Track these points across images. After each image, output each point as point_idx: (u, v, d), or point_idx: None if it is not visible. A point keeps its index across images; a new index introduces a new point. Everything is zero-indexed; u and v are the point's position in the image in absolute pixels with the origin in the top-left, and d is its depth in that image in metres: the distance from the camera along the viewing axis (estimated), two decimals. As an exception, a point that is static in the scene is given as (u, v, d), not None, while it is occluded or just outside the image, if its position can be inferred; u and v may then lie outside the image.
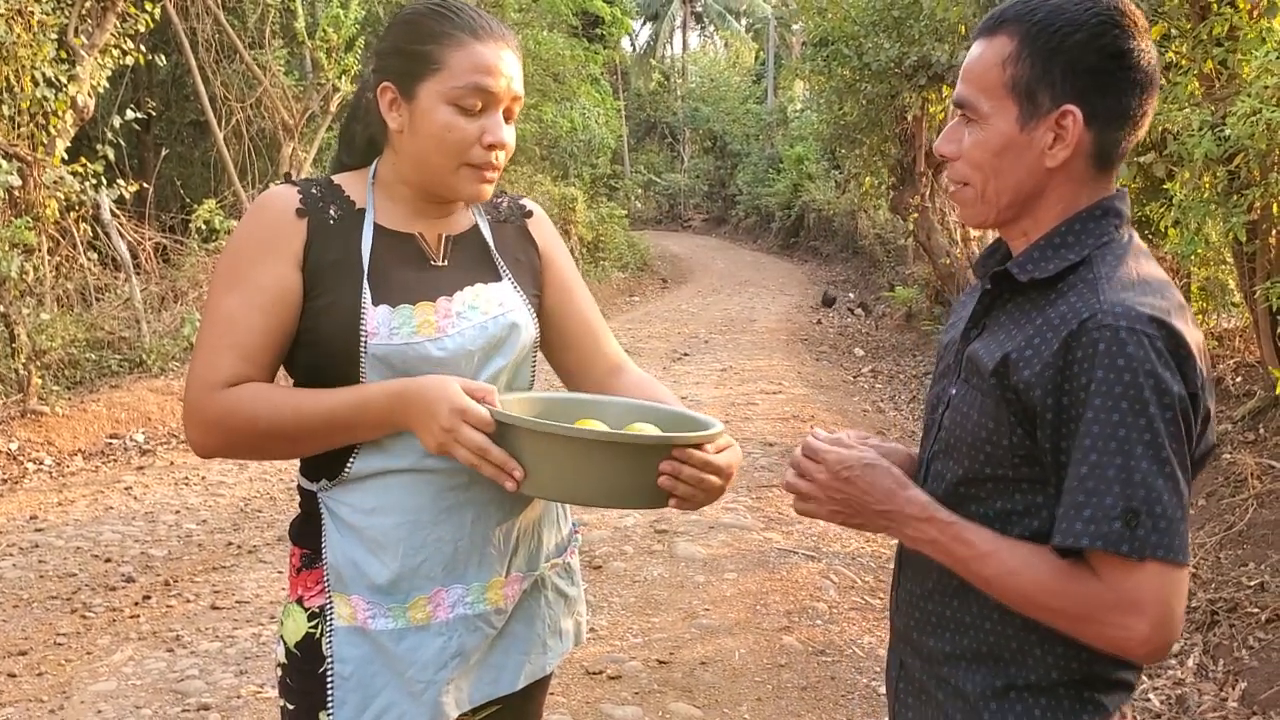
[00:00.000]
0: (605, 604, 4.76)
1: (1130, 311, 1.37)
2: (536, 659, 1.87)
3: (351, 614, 1.73)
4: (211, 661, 4.19)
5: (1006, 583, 1.42)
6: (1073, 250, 1.48)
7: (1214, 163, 5.20)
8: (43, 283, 8.71)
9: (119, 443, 7.60)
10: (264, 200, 1.77)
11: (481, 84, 1.71)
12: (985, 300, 1.58)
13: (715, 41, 45.32)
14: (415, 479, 1.72)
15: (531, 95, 18.04)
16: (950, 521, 1.47)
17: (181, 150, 15.05)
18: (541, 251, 1.96)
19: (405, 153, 1.77)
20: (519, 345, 1.83)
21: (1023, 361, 1.42)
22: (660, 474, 1.62)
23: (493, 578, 1.79)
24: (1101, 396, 1.34)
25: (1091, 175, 1.51)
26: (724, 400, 9.28)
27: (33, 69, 7.81)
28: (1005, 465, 1.46)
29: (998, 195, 1.52)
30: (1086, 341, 1.36)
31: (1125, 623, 1.34)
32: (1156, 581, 1.33)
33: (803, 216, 26.21)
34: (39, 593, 4.86)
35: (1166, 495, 1.33)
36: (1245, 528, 4.79)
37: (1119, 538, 1.33)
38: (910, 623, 1.63)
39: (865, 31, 12.06)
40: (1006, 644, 1.50)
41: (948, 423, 1.57)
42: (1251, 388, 6.12)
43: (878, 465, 1.53)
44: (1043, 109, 1.46)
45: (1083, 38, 1.44)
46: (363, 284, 1.72)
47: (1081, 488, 1.35)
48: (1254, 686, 3.80)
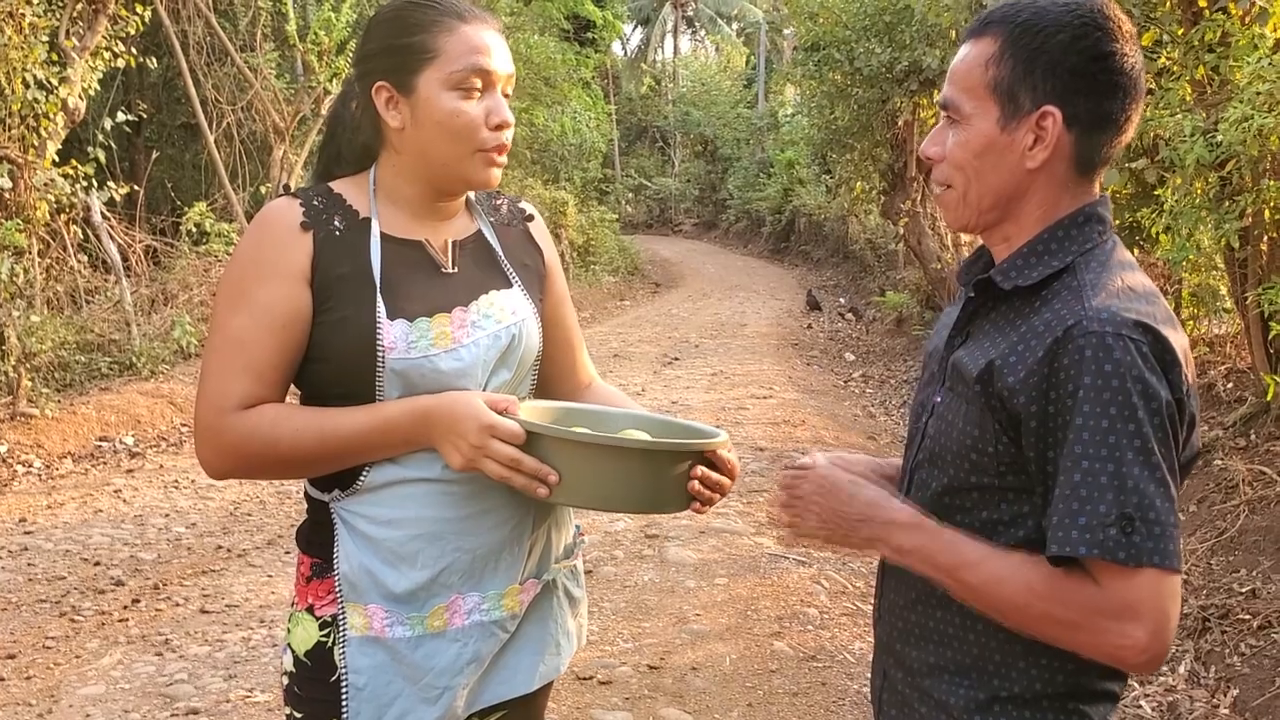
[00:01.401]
0: (596, 609, 4.75)
1: (1116, 317, 1.36)
2: (550, 660, 1.87)
3: (366, 624, 1.72)
4: (201, 665, 4.17)
5: (995, 591, 1.40)
6: (1056, 257, 1.48)
7: (1206, 169, 5.21)
8: (33, 285, 8.66)
9: (108, 445, 7.57)
10: (266, 216, 1.74)
11: (480, 64, 1.70)
12: (969, 308, 1.58)
13: (706, 46, 45.34)
14: (431, 489, 1.71)
15: (523, 99, 18.04)
16: (938, 530, 1.46)
17: (172, 153, 15.00)
18: (546, 257, 1.96)
19: (410, 149, 1.75)
20: (526, 356, 1.82)
21: (1007, 368, 1.42)
22: (690, 478, 1.67)
23: (509, 585, 1.78)
24: (1090, 403, 1.34)
25: (1073, 179, 1.50)
26: (715, 405, 9.28)
27: (23, 71, 7.76)
28: (990, 474, 1.46)
29: (979, 198, 1.52)
30: (1073, 348, 1.36)
31: (1122, 630, 1.33)
32: (1153, 588, 1.32)
33: (793, 221, 26.22)
34: (27, 596, 4.83)
35: (1160, 501, 1.33)
36: (1237, 534, 4.80)
37: (1115, 545, 1.32)
38: (894, 633, 1.63)
39: (856, 36, 12.09)
40: (990, 656, 1.49)
41: (932, 431, 1.57)
42: (1243, 393, 6.14)
43: (861, 481, 1.54)
44: (1023, 110, 1.46)
45: (1065, 39, 1.44)
46: (377, 298, 1.69)
47: (1075, 495, 1.34)
48: (1246, 693, 3.80)
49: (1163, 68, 5.83)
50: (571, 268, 18.50)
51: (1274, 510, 4.87)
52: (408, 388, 1.69)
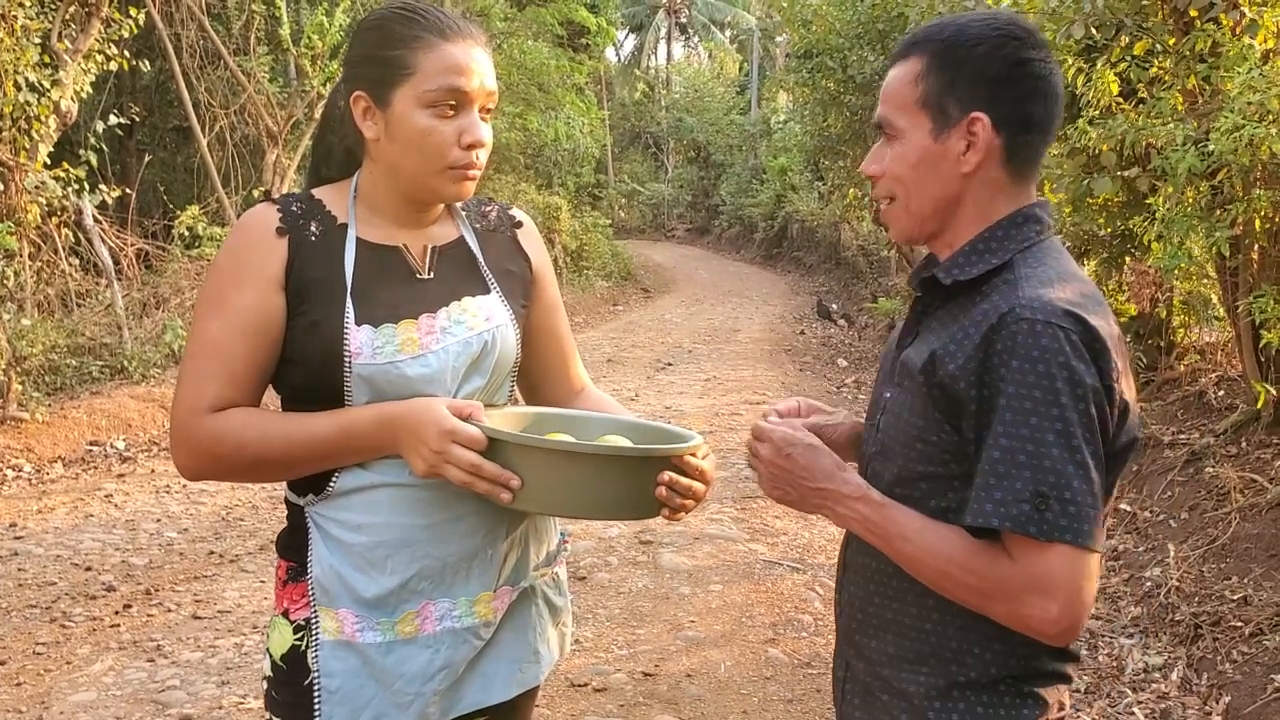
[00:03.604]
0: (590, 615, 4.75)
1: (1047, 306, 1.44)
2: (528, 669, 1.86)
3: (338, 627, 1.73)
4: (193, 672, 4.16)
5: (926, 561, 1.49)
6: (995, 255, 1.55)
7: (1197, 178, 5.23)
8: (24, 288, 8.63)
9: (100, 450, 7.55)
10: (244, 221, 1.77)
11: (455, 84, 1.70)
12: (918, 308, 1.66)
13: (699, 52, 45.42)
14: (401, 494, 1.72)
15: (516, 104, 18.04)
16: (882, 503, 1.53)
17: (165, 156, 14.97)
18: (534, 265, 1.95)
19: (384, 160, 1.76)
20: (501, 363, 1.82)
21: (947, 356, 1.49)
22: (657, 484, 1.65)
23: (482, 592, 1.78)
24: (1015, 385, 1.41)
25: (1008, 182, 1.58)
26: (708, 411, 9.28)
27: (15, 74, 7.75)
28: (936, 462, 1.52)
29: (920, 206, 1.59)
30: (1005, 334, 1.43)
31: (1035, 602, 1.40)
32: (1065, 564, 1.39)
33: (786, 227, 26.25)
34: (18, 601, 4.81)
35: (1076, 482, 1.39)
36: (1228, 541, 4.81)
37: (1026, 519, 1.39)
38: (853, 624, 1.68)
39: (850, 44, 12.11)
40: (946, 644, 1.55)
41: (883, 425, 1.63)
42: (1234, 401, 6.15)
43: (819, 448, 1.59)
44: (953, 118, 1.54)
45: (985, 49, 1.54)
46: (346, 302, 1.71)
47: (993, 471, 1.41)
48: (1238, 701, 3.81)
49: (1154, 77, 5.86)
50: (564, 273, 18.49)
51: (1265, 517, 4.88)
52: (375, 393, 1.70)
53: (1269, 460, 5.36)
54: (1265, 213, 5.42)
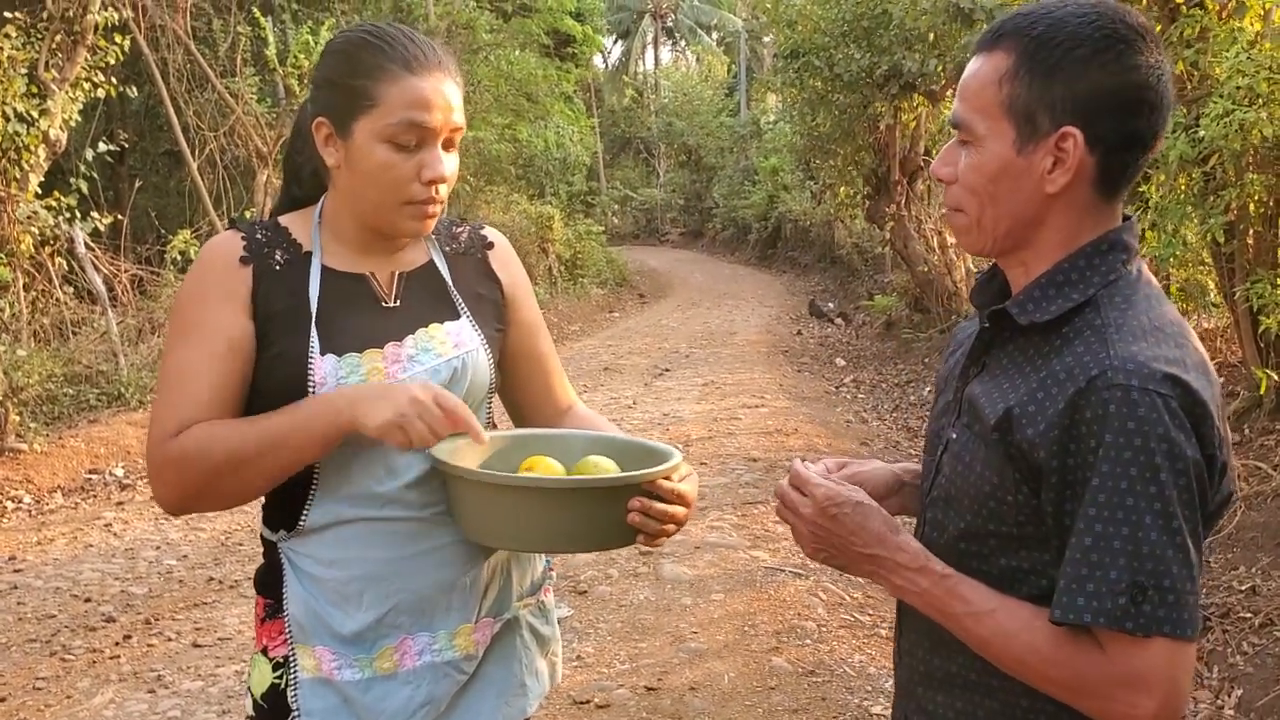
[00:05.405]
0: (591, 630, 4.71)
1: (1143, 369, 1.28)
2: (515, 702, 1.82)
3: (316, 665, 1.69)
4: (194, 701, 4.12)
5: (1003, 646, 1.35)
6: (1076, 289, 1.38)
7: (1189, 164, 5.21)
8: (18, 319, 8.62)
9: (98, 478, 7.52)
10: (207, 250, 1.73)
11: (416, 119, 1.65)
12: (985, 337, 1.50)
13: (687, 56, 45.46)
14: (373, 529, 1.68)
15: (505, 115, 18.04)
16: (945, 574, 1.40)
17: (156, 181, 14.98)
18: (505, 287, 1.90)
19: (343, 189, 1.73)
20: (474, 389, 1.77)
21: (1025, 418, 1.34)
22: (629, 512, 1.59)
23: (461, 624, 1.74)
24: (1110, 462, 1.26)
25: (1095, 203, 1.40)
26: (707, 415, 9.24)
27: (3, 104, 7.74)
28: (1009, 522, 1.39)
29: (994, 223, 1.42)
30: (1096, 401, 1.28)
31: (1129, 699, 1.28)
32: (1163, 658, 1.27)
33: (779, 228, 26.24)
34: (17, 636, 4.78)
35: (1176, 568, 1.26)
36: (1234, 530, 4.78)
37: (1123, 614, 1.26)
38: (914, 677, 1.56)
39: (836, 42, 12.10)
40: (1016, 702, 1.42)
41: (947, 470, 1.49)
42: (1235, 388, 6.12)
43: (868, 507, 1.45)
44: (1041, 131, 1.36)
45: (1084, 53, 1.34)
46: (311, 332, 1.67)
47: (1085, 560, 1.28)
48: (1250, 693, 3.77)
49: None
50: (559, 281, 18.48)
51: (1270, 506, 4.85)
52: None
53: (1273, 447, 5.33)
54: (1259, 197, 5.40)
